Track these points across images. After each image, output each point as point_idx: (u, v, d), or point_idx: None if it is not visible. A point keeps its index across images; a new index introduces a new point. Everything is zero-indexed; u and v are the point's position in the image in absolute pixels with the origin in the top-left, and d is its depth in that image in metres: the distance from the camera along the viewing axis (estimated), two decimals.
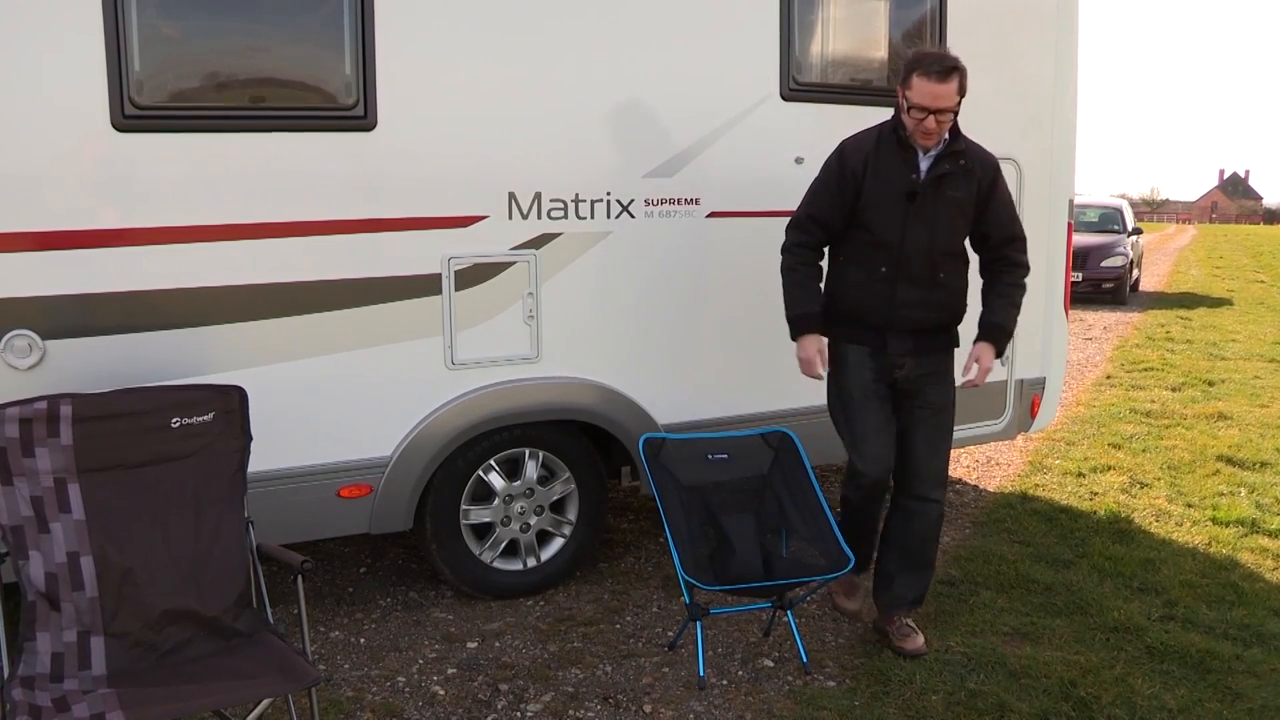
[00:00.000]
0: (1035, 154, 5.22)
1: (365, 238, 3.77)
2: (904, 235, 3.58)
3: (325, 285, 3.74)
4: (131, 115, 3.38)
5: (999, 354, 3.76)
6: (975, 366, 3.73)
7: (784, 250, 3.79)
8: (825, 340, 3.76)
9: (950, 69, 3.43)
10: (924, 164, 3.58)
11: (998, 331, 3.74)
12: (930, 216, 3.58)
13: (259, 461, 3.38)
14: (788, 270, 3.78)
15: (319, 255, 3.71)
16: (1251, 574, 4.68)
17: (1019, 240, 3.78)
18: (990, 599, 4.33)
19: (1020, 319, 5.23)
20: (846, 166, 3.62)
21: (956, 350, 3.84)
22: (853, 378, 3.75)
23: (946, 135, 3.59)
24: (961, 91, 3.48)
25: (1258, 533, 5.21)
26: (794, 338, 3.77)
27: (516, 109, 3.97)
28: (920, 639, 3.80)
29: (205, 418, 3.11)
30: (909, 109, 3.50)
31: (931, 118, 3.45)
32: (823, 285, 3.82)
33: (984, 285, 3.81)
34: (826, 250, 3.83)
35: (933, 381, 3.78)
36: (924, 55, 3.51)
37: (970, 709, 3.43)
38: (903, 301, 3.64)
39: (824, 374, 3.77)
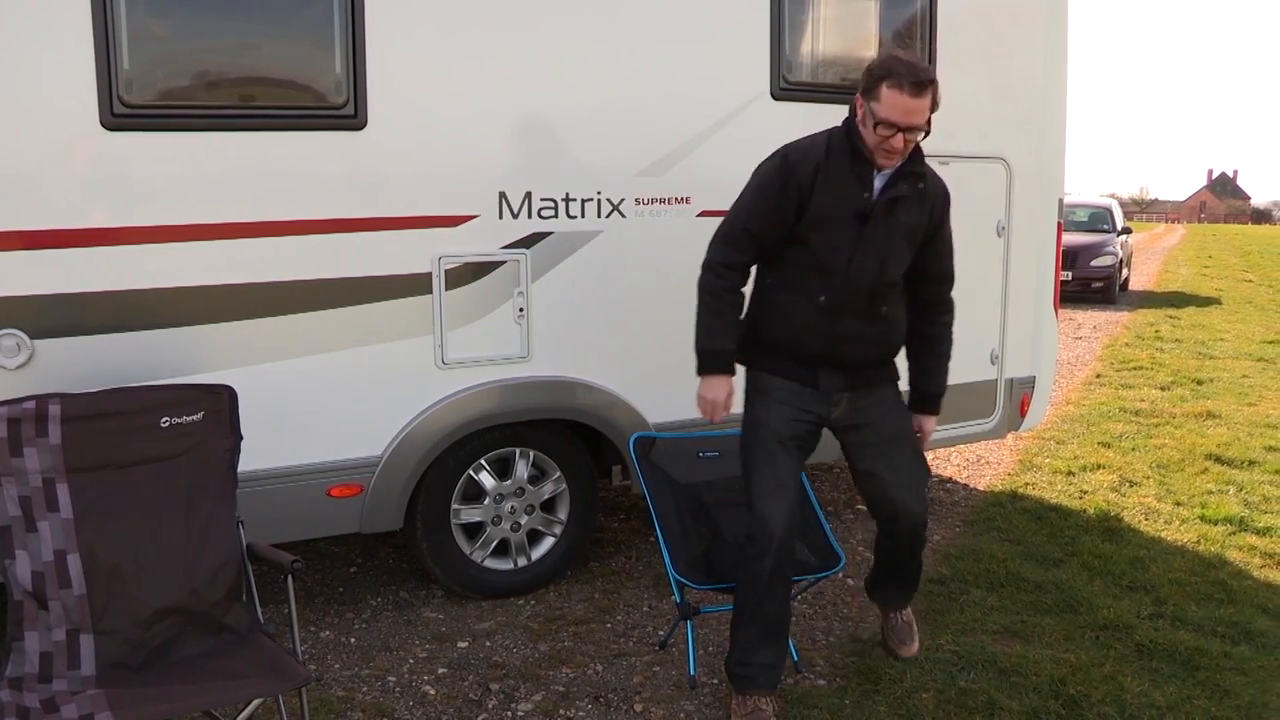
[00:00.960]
0: (1025, 154, 5.24)
1: (355, 237, 3.77)
2: (851, 261, 3.16)
3: (315, 284, 3.73)
4: (121, 114, 3.37)
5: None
6: (920, 438, 3.51)
7: (707, 266, 3.28)
8: (732, 383, 3.32)
9: (927, 81, 3.03)
10: (878, 182, 3.17)
11: (937, 401, 3.53)
12: (881, 242, 3.18)
13: (249, 461, 3.36)
14: (708, 292, 3.26)
15: (309, 254, 3.70)
16: (1239, 572, 4.70)
17: (952, 279, 3.46)
18: (980, 597, 4.34)
19: (1011, 319, 5.30)
20: (793, 176, 3.15)
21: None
22: (773, 414, 3.30)
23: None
24: (934, 107, 3.09)
25: (1246, 531, 5.24)
26: (701, 373, 3.29)
27: (507, 108, 3.96)
28: (916, 645, 3.78)
29: (195, 417, 3.10)
30: (875, 124, 3.06)
31: (900, 135, 3.04)
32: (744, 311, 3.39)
33: (915, 336, 3.47)
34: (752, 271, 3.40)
35: (883, 413, 3.41)
36: (896, 63, 3.07)
37: (960, 707, 3.44)
38: (841, 335, 3.23)
39: (724, 419, 3.35)
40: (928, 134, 3.15)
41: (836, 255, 3.17)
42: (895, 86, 3.01)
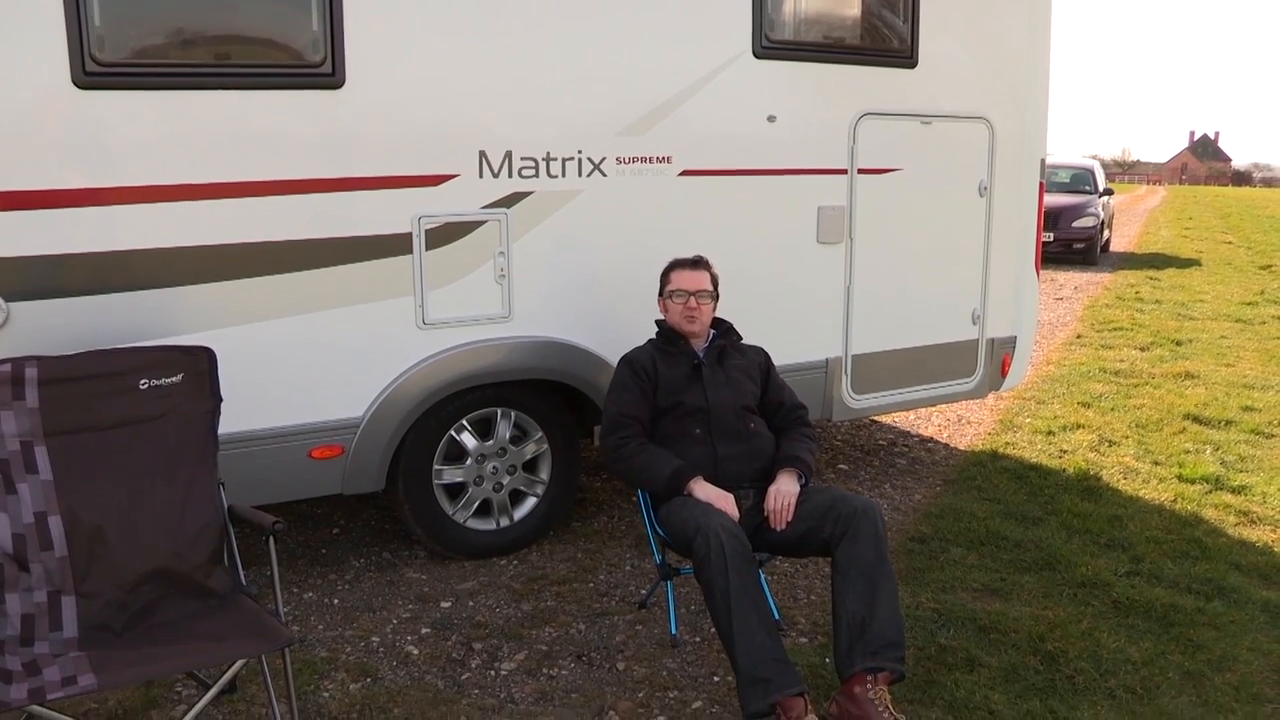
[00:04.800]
0: (1008, 114, 5.23)
1: (334, 197, 3.73)
2: (707, 396, 3.65)
3: (295, 245, 3.70)
4: (93, 72, 3.31)
5: (803, 484, 3.50)
6: (776, 496, 3.41)
7: (612, 450, 3.61)
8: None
9: (699, 260, 3.85)
10: (700, 349, 3.79)
11: (798, 461, 3.55)
12: (724, 379, 3.72)
13: (230, 423, 3.35)
14: (629, 456, 3.56)
15: (288, 215, 3.67)
16: (1214, 529, 4.75)
17: (806, 409, 3.85)
18: (960, 556, 4.38)
19: (992, 279, 5.31)
20: (637, 366, 3.71)
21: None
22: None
23: (714, 331, 3.85)
24: (714, 280, 3.83)
25: (1221, 489, 5.29)
26: (683, 490, 3.43)
27: (487, 67, 3.92)
28: None
29: (174, 379, 3.08)
30: (673, 296, 3.77)
31: (693, 298, 3.73)
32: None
33: (780, 439, 3.71)
34: None
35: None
36: (674, 260, 3.87)
37: (940, 663, 3.48)
38: (725, 456, 3.56)
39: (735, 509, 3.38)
40: (717, 298, 3.83)
41: (696, 395, 3.67)
42: (678, 268, 3.84)
